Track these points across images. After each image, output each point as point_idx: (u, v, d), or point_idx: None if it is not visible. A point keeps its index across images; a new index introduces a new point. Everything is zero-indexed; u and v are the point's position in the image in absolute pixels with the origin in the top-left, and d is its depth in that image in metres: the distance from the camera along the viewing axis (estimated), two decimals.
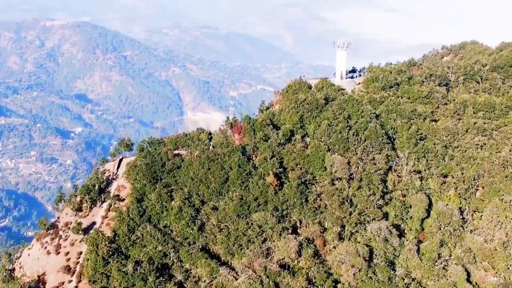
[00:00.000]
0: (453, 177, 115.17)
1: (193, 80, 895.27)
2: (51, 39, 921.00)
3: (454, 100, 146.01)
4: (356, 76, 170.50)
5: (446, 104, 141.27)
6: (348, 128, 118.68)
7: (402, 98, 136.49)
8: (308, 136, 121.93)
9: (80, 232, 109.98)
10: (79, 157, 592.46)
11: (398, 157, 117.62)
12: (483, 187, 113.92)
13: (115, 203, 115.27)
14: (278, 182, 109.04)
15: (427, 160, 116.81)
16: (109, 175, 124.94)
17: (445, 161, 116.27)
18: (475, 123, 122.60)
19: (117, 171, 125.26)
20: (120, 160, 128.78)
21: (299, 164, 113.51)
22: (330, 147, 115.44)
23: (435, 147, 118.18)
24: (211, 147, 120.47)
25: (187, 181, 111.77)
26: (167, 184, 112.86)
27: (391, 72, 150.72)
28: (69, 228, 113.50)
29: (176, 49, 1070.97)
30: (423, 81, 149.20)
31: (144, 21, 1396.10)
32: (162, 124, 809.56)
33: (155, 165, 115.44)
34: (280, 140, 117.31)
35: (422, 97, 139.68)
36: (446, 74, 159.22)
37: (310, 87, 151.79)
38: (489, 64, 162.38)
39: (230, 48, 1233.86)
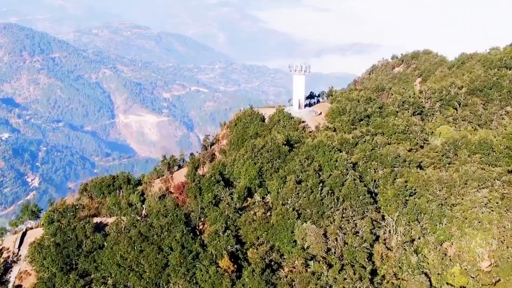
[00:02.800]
0: (455, 247, 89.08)
1: (124, 82, 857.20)
2: None
3: (432, 132, 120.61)
4: (314, 103, 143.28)
5: (426, 140, 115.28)
6: (321, 184, 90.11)
7: (376, 135, 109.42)
8: (270, 194, 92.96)
9: None
10: (6, 165, 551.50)
11: (384, 219, 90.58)
12: (495, 263, 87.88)
13: None
14: (235, 267, 79.53)
15: (421, 225, 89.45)
16: (8, 256, 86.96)
17: (442, 224, 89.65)
18: (474, 172, 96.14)
19: (19, 250, 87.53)
20: (24, 234, 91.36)
21: (261, 237, 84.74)
22: (300, 212, 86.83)
23: (429, 206, 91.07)
24: (143, 212, 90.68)
25: (112, 268, 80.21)
26: (85, 272, 79.09)
27: (358, 101, 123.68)
28: None
29: (106, 50, 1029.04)
30: (397, 111, 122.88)
31: (74, 21, 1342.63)
32: (93, 127, 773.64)
33: (69, 246, 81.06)
34: (235, 204, 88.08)
35: (399, 133, 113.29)
36: (419, 100, 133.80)
37: (263, 119, 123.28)
38: (465, 86, 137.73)
39: (162, 48, 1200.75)
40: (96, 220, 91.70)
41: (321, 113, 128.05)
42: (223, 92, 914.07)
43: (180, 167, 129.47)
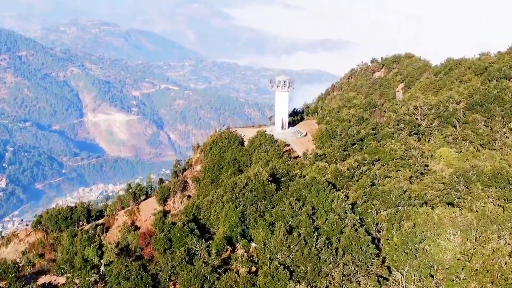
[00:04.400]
0: None
1: (93, 80, 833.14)
2: None
3: (432, 154, 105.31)
4: (298, 120, 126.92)
5: (426, 166, 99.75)
6: (316, 232, 73.47)
7: (374, 163, 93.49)
8: (253, 242, 76.12)
9: None
10: None
11: (390, 273, 74.70)
12: None
13: None
14: None
15: (435, 282, 73.67)
16: None
17: (460, 278, 74.01)
18: (491, 211, 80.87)
19: None
20: None
21: None
22: (292, 269, 70.30)
23: (443, 256, 75.65)
24: (102, 269, 73.38)
25: None
26: None
27: (350, 121, 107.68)
28: None
29: (74, 47, 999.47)
30: (393, 133, 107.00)
31: (41, 18, 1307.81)
32: (61, 126, 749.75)
33: None
34: (213, 262, 70.67)
35: (397, 158, 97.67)
36: (414, 116, 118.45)
37: (242, 142, 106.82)
38: (464, 100, 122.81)
39: (131, 45, 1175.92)
40: (44, 280, 74.40)
41: (306, 133, 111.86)
42: (194, 90, 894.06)
43: (147, 195, 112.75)
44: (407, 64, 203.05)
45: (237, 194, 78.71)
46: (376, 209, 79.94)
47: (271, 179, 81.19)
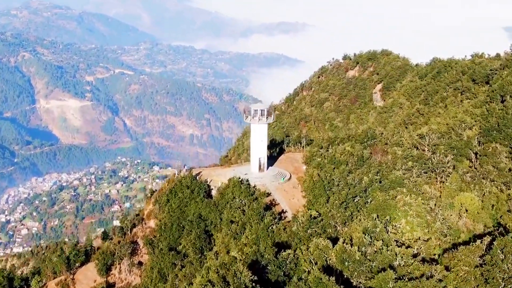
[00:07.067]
0: None
1: (45, 65, 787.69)
2: None
3: (451, 202, 79.46)
4: (276, 154, 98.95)
5: (445, 220, 73.90)
6: None
7: (387, 229, 67.14)
8: None
9: None
10: None
11: None
12: None
13: None
14: None
15: None
16: None
17: None
18: None
19: None
20: None
21: None
22: None
23: None
24: None
25: None
26: None
27: (347, 164, 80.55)
28: None
29: (26, 32, 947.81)
30: (403, 180, 79.75)
31: None
32: (13, 114, 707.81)
33: None
34: None
35: (413, 216, 71.89)
36: (421, 148, 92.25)
37: (208, 192, 79.32)
38: (477, 122, 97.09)
39: (84, 29, 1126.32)
40: None
41: (291, 176, 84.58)
42: (149, 74, 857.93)
43: (88, 256, 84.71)
44: (384, 63, 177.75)
45: None
46: None
47: (255, 279, 53.38)
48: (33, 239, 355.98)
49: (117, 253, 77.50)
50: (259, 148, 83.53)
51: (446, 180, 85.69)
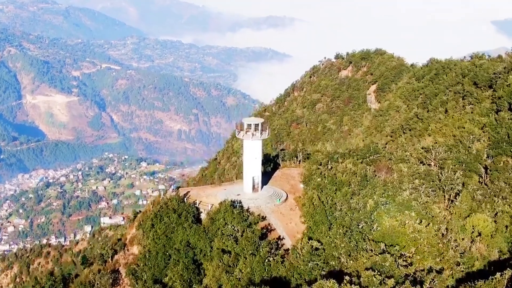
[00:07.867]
0: None
1: (31, 60, 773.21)
2: None
3: (463, 225, 71.86)
4: (270, 170, 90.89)
5: (461, 256, 65.91)
6: None
7: (396, 261, 59.58)
8: None
9: None
10: None
11: None
12: None
13: None
14: None
15: None
16: None
17: None
18: None
19: None
20: None
21: None
22: None
23: None
24: None
25: None
26: None
27: (349, 185, 72.49)
28: None
29: (12, 26, 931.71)
30: (412, 205, 71.57)
31: None
32: None
33: None
34: None
35: (423, 245, 64.26)
36: (427, 162, 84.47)
37: (197, 217, 71.32)
38: (486, 133, 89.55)
39: (70, 23, 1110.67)
40: None
41: (287, 197, 76.55)
42: (136, 69, 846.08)
43: (66, 286, 76.24)
44: (378, 63, 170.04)
45: None
46: None
47: None
48: (20, 236, 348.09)
49: (97, 284, 69.35)
50: (252, 166, 75.34)
51: (456, 198, 78.06)
